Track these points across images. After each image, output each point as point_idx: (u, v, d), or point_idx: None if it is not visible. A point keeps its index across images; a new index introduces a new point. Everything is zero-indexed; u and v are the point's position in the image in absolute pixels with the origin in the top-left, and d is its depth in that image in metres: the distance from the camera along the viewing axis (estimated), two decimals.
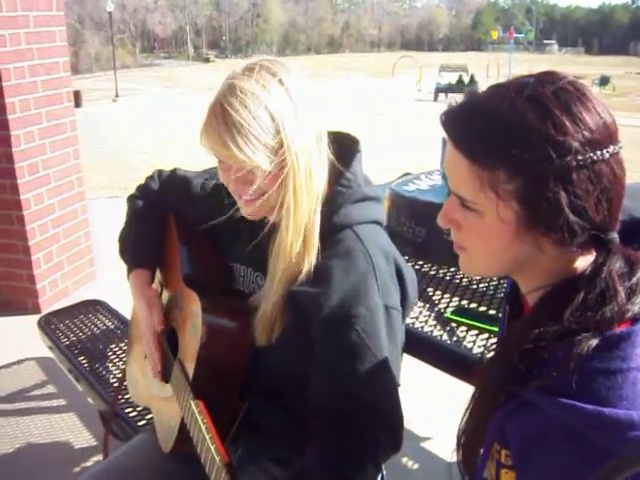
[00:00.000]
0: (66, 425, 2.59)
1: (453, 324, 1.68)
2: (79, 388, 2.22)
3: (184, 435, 1.12)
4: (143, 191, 1.46)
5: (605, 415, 0.69)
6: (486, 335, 1.60)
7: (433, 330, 1.65)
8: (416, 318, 1.71)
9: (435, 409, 2.56)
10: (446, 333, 1.64)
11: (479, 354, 1.51)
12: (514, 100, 0.75)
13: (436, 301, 1.83)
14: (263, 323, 1.14)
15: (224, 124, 1.06)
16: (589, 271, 0.78)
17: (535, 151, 0.73)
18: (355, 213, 1.15)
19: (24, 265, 3.56)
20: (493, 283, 1.91)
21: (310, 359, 1.11)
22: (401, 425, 1.11)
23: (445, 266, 2.03)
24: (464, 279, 1.95)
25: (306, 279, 1.11)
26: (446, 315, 1.72)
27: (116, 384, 2.00)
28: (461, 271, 0.91)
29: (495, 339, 1.51)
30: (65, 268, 3.80)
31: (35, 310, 3.50)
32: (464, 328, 1.65)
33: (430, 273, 2.02)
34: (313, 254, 1.12)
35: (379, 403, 1.08)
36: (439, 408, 2.54)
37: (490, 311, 1.74)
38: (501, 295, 1.79)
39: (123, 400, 1.90)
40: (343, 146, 1.19)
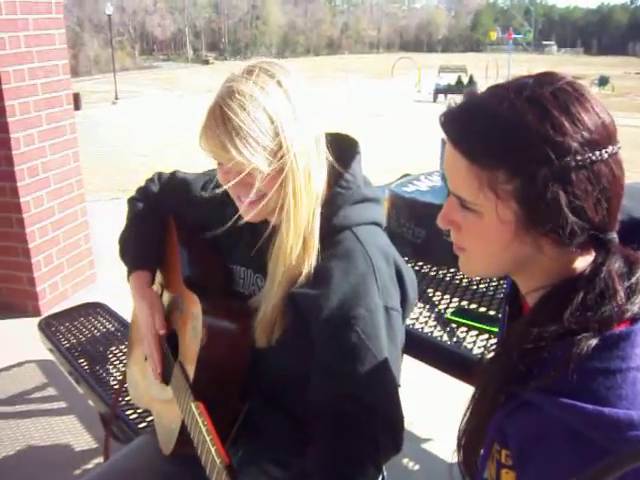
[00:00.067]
0: (67, 427, 2.59)
1: (453, 325, 1.68)
2: (79, 390, 2.22)
3: (184, 437, 1.12)
4: (143, 193, 1.46)
5: (605, 415, 0.69)
6: (486, 336, 1.60)
7: (433, 331, 1.65)
8: (416, 319, 1.71)
9: (435, 410, 2.56)
10: (446, 334, 1.64)
11: (479, 355, 1.51)
12: (513, 101, 0.75)
13: (436, 302, 1.83)
14: (263, 325, 1.14)
15: (223, 127, 1.06)
16: (588, 271, 0.78)
17: (534, 151, 0.73)
18: (354, 214, 1.15)
19: (24, 268, 3.55)
20: (493, 284, 1.91)
21: (310, 361, 1.11)
22: (401, 426, 1.12)
23: (445, 267, 2.03)
24: (464, 280, 1.95)
25: (306, 281, 1.11)
26: (446, 316, 1.72)
27: (116, 386, 2.00)
28: (461, 272, 0.92)
29: (495, 340, 1.50)
30: (65, 270, 3.80)
31: (35, 313, 3.51)
32: (464, 329, 1.65)
33: (430, 274, 2.02)
34: (313, 256, 1.12)
35: (379, 404, 1.08)
36: (439, 409, 2.54)
37: (490, 312, 1.74)
38: (501, 296, 1.79)
39: (124, 402, 1.90)
40: (342, 147, 1.19)
